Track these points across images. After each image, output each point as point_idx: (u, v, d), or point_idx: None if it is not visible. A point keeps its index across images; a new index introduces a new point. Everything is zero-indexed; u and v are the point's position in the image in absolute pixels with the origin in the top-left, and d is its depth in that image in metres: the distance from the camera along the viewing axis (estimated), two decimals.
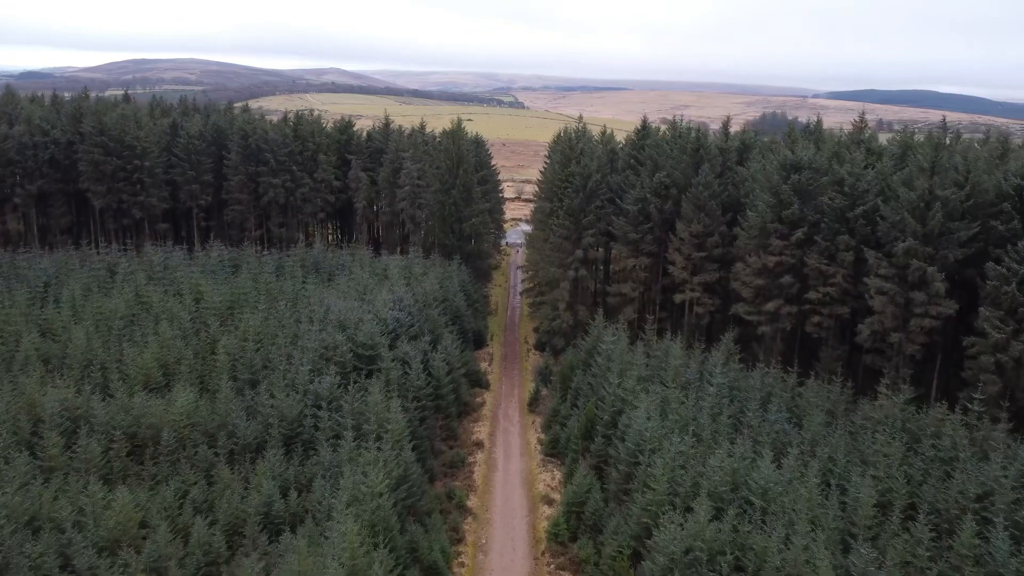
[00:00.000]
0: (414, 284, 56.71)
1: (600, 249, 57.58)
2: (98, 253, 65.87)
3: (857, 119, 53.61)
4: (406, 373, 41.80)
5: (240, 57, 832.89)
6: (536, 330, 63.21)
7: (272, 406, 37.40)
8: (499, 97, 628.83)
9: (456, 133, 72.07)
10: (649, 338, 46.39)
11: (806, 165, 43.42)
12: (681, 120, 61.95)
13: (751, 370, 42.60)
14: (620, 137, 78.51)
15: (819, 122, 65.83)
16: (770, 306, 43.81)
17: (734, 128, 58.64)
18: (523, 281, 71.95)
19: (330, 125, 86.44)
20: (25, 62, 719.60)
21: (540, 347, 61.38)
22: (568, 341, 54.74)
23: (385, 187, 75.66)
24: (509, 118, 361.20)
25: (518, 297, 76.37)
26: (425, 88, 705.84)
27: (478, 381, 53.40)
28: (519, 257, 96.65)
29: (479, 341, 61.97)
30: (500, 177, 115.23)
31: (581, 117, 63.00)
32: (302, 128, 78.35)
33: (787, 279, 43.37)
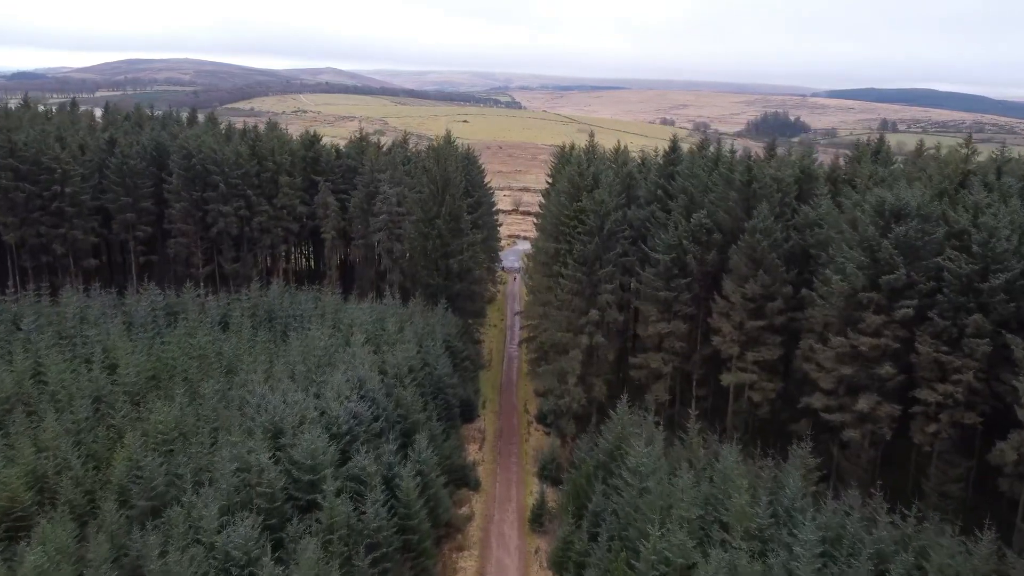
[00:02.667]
0: (385, 350, 44.70)
1: (621, 295, 45.71)
2: (5, 300, 53.89)
3: (961, 134, 41.49)
4: (359, 507, 29.93)
5: (235, 57, 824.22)
6: (539, 394, 51.28)
7: (163, 571, 25.82)
8: (496, 96, 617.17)
9: (442, 151, 60.07)
10: (691, 441, 34.37)
11: (914, 212, 31.45)
12: (711, 137, 50.18)
13: (837, 496, 30.83)
14: (631, 145, 66.76)
15: (882, 139, 54.01)
16: (862, 404, 31.89)
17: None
18: (522, 329, 59.89)
19: (297, 136, 74.48)
20: (18, 63, 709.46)
21: (544, 420, 49.53)
22: (581, 425, 42.84)
23: (358, 215, 63.63)
24: (506, 119, 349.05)
25: (516, 345, 64.32)
26: (421, 88, 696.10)
27: (464, 479, 41.49)
28: (518, 286, 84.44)
29: (468, 412, 49.99)
30: (496, 185, 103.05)
31: (592, 135, 51.14)
32: (261, 145, 66.23)
33: (887, 369, 31.43)
